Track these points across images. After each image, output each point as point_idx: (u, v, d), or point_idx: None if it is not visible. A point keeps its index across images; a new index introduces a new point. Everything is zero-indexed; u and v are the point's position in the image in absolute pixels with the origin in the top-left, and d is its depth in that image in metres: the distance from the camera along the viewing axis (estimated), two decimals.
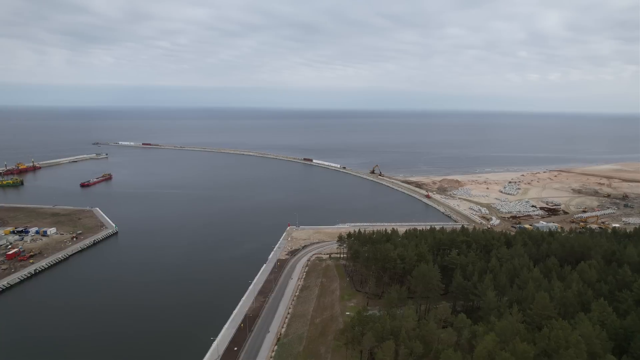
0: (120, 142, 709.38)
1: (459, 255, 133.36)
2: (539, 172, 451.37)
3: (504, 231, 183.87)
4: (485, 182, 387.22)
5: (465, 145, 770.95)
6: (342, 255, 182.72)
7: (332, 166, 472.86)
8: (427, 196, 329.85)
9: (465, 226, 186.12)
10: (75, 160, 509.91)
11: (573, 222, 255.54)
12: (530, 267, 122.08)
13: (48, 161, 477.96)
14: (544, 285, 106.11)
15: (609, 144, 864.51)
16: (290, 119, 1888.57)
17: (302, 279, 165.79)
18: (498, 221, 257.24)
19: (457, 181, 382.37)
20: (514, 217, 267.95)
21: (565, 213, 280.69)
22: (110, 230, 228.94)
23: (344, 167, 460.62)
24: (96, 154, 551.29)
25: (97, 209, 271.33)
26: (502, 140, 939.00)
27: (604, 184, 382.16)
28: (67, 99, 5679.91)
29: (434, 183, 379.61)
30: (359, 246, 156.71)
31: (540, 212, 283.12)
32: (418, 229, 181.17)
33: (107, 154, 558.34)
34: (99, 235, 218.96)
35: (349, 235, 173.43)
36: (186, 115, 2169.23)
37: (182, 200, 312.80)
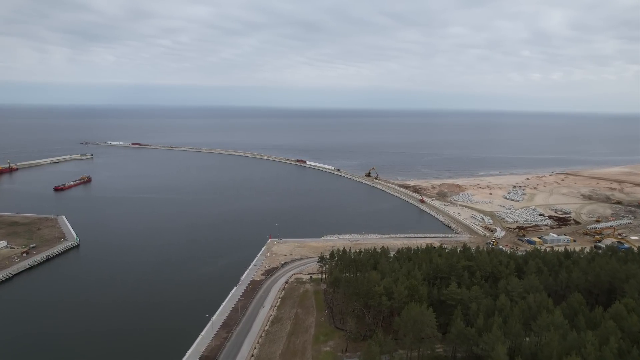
0: (109, 142, 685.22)
1: (459, 289, 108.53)
2: (544, 176, 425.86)
3: (512, 250, 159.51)
4: (488, 186, 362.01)
5: (466, 146, 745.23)
6: (324, 276, 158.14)
7: (325, 168, 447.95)
8: (421, 200, 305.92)
9: (468, 244, 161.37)
10: (57, 161, 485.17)
11: (587, 233, 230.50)
12: (550, 306, 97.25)
13: (27, 162, 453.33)
14: (570, 338, 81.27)
15: (613, 144, 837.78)
16: (289, 118, 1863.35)
17: (275, 308, 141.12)
18: (503, 233, 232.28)
19: (457, 186, 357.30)
20: (520, 228, 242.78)
21: (577, 223, 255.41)
22: (70, 243, 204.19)
23: (338, 170, 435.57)
24: (80, 155, 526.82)
25: (63, 217, 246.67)
26: (505, 140, 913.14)
27: (615, 189, 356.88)
28: (68, 98, 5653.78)
29: (433, 187, 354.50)
30: (341, 271, 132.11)
31: (549, 221, 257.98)
32: (413, 247, 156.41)
33: (92, 155, 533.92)
34: (55, 250, 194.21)
35: (332, 255, 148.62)
36: (186, 114, 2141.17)
37: (161, 205, 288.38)
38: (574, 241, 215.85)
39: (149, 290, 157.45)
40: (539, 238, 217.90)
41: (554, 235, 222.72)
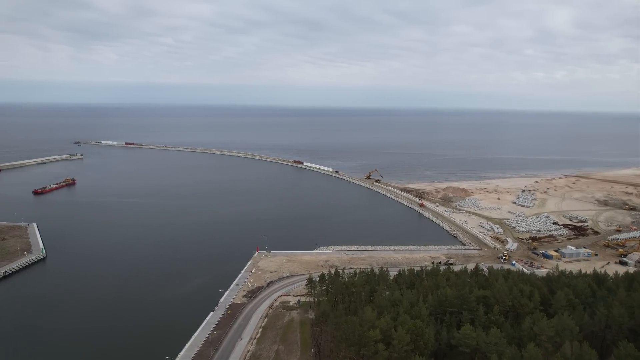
0: (102, 142, 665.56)
1: (474, 330, 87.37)
2: (554, 178, 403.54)
3: (530, 271, 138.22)
4: (495, 190, 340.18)
5: (470, 146, 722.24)
6: (314, 300, 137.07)
7: (323, 170, 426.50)
8: (421, 205, 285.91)
9: (479, 264, 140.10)
10: (44, 161, 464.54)
11: (608, 246, 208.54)
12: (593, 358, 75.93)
13: (12, 162, 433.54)
14: None
15: (622, 144, 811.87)
16: (290, 117, 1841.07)
17: (255, 341, 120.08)
18: (515, 245, 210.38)
19: (463, 190, 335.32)
20: (533, 239, 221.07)
21: (596, 233, 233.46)
22: (34, 257, 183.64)
23: (337, 172, 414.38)
24: (70, 155, 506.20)
25: (34, 225, 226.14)
26: (509, 140, 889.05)
27: (632, 193, 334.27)
28: (70, 96, 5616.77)
29: (437, 192, 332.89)
30: (330, 300, 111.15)
31: (565, 230, 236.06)
32: (416, 268, 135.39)
33: (82, 155, 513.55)
34: (15, 265, 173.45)
35: (322, 277, 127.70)
36: (187, 113, 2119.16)
37: (143, 212, 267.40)
38: (596, 255, 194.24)
39: (110, 319, 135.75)
40: (556, 251, 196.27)
41: (572, 247, 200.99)
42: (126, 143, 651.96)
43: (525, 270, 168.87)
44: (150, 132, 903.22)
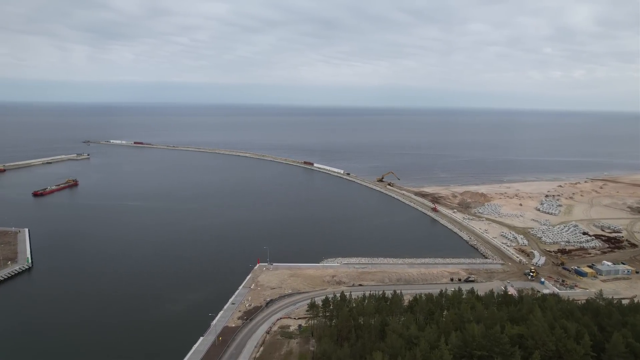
0: (111, 141, 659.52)
1: None
2: (579, 182, 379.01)
3: (561, 290, 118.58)
4: (516, 195, 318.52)
5: (488, 147, 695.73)
6: (316, 326, 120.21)
7: (334, 171, 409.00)
8: (434, 209, 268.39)
9: (508, 289, 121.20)
10: (50, 161, 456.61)
11: None
12: None
13: (18, 162, 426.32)
14: None
15: None
16: (303, 116, 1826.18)
17: None
18: (543, 259, 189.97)
19: (482, 194, 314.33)
20: (562, 252, 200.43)
21: (633, 245, 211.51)
22: (18, 267, 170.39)
23: (348, 174, 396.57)
24: (77, 155, 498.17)
25: (26, 230, 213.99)
26: (528, 140, 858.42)
27: None
28: (87, 95, 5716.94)
29: (454, 196, 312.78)
30: (333, 335, 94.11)
31: (597, 242, 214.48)
32: (435, 293, 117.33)
33: (89, 155, 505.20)
34: None
35: (325, 302, 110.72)
36: (201, 112, 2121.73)
37: (143, 216, 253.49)
38: (637, 272, 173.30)
39: (86, 345, 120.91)
40: (591, 267, 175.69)
41: (609, 263, 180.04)
42: (135, 142, 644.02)
43: (558, 290, 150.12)
44: (160, 131, 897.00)
